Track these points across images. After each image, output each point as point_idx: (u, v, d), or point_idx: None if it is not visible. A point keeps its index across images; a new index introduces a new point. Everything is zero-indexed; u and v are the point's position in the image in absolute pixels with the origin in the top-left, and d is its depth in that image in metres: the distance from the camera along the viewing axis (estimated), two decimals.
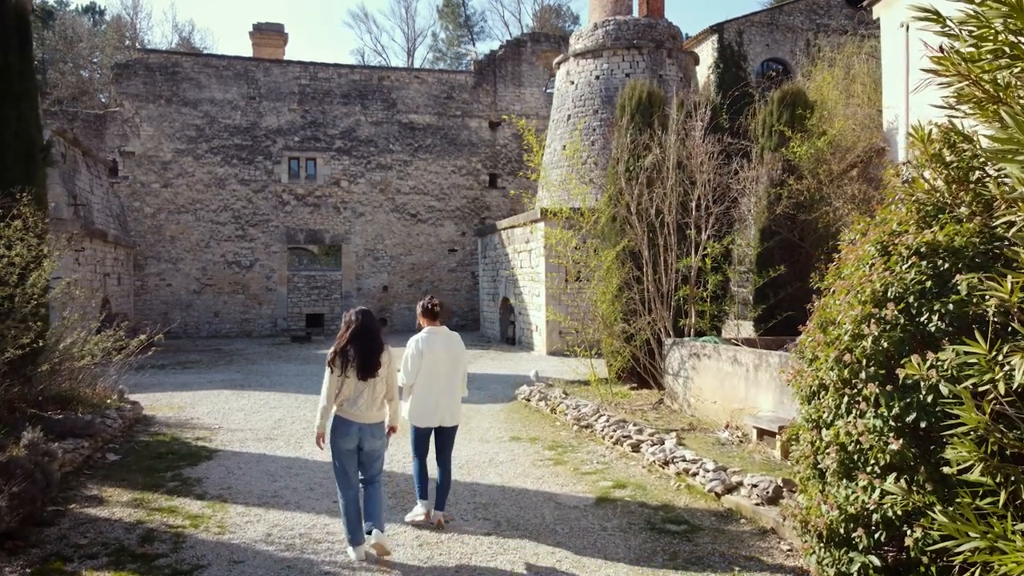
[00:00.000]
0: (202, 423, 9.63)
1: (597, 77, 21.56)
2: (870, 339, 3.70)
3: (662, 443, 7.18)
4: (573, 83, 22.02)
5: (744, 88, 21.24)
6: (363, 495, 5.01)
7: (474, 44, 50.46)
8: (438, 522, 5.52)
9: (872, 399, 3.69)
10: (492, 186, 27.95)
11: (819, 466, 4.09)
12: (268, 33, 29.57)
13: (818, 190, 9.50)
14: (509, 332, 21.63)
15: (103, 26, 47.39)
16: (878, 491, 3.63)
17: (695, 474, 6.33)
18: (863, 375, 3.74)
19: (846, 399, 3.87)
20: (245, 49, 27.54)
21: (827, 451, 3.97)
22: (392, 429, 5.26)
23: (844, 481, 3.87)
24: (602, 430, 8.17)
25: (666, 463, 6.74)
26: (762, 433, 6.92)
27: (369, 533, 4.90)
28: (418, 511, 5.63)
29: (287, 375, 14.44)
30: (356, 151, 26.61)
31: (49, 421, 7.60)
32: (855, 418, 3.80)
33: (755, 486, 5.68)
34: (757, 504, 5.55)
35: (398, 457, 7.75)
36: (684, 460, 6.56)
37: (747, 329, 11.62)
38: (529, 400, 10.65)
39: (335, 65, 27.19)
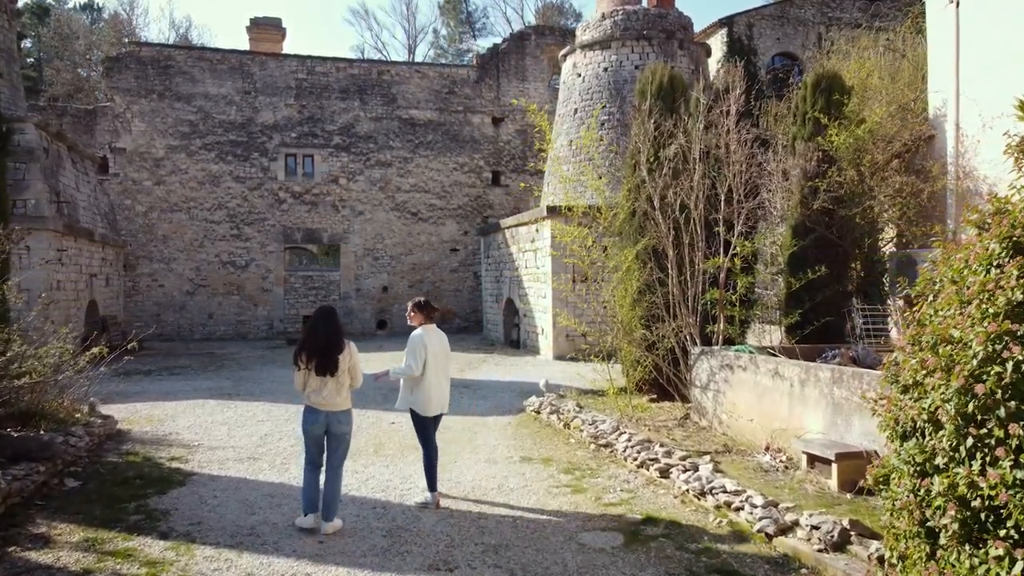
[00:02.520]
0: (180, 439, 8.75)
1: (605, 69, 20.68)
2: (1011, 364, 2.83)
3: (696, 469, 6.30)
4: (580, 76, 21.15)
5: (756, 83, 20.36)
6: (323, 482, 5.56)
7: (476, 41, 49.60)
8: (436, 503, 6.09)
9: (1012, 443, 2.81)
10: (495, 184, 27.07)
11: (928, 523, 3.21)
12: (265, 28, 28.67)
13: (860, 183, 8.61)
14: (513, 335, 20.74)
15: (101, 24, 46.63)
16: (1021, 564, 2.76)
17: (739, 508, 5.44)
18: (1001, 411, 2.86)
19: (970, 440, 2.99)
20: (243, 46, 26.64)
21: (940, 505, 3.09)
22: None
23: (967, 547, 3.00)
24: (624, 451, 7.29)
25: (703, 493, 5.85)
26: (813, 459, 6.03)
27: (327, 519, 5.47)
28: (428, 498, 6.14)
29: (279, 382, 13.56)
30: (355, 147, 25.74)
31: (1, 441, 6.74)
32: (983, 465, 2.93)
33: (816, 528, 4.79)
34: (820, 550, 4.66)
35: (394, 483, 6.89)
36: (725, 491, 5.67)
37: (774, 335, 10.75)
38: (539, 412, 9.78)
39: (333, 59, 26.32)
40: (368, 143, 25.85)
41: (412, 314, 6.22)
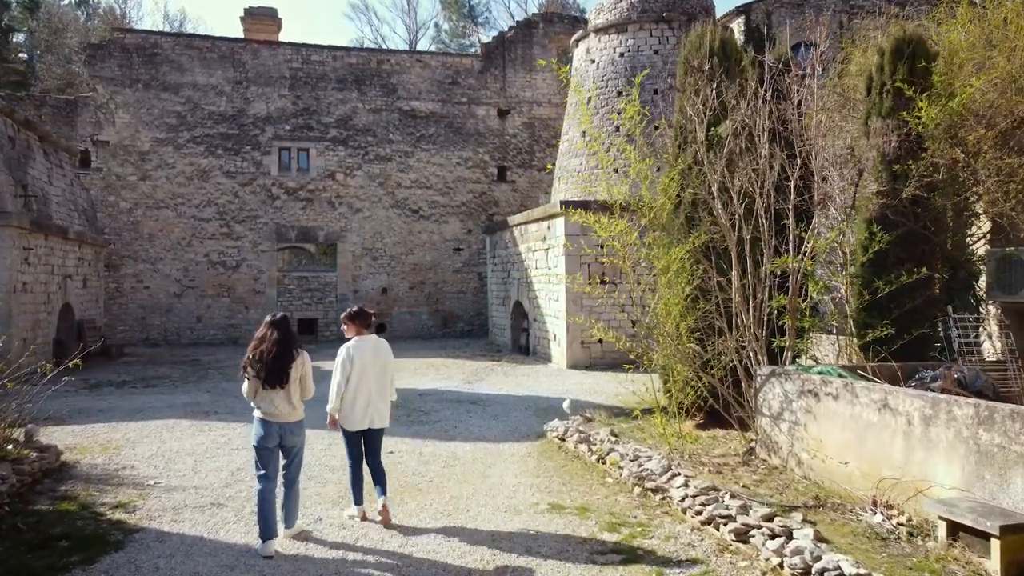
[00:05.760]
0: (135, 476, 7.24)
1: (621, 54, 19.21)
2: None
3: (789, 535, 4.77)
4: (594, 62, 19.67)
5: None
6: (282, 496, 5.46)
7: (478, 35, 48.12)
8: (383, 507, 5.66)
9: None
10: (501, 180, 25.58)
11: None
12: (260, 18, 27.17)
13: (964, 165, 7.10)
14: (522, 340, 19.24)
15: (96, 20, 45.25)
16: None
17: None
18: None
19: None
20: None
21: None
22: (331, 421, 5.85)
23: None
24: (682, 500, 5.78)
25: (807, 574, 4.34)
26: (956, 528, 4.51)
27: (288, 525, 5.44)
28: (353, 511, 5.86)
29: None
30: (353, 141, 24.24)
31: None
32: None
33: None
34: None
35: (391, 543, 5.37)
36: (842, 575, 4.15)
37: (830, 347, 9.23)
38: (564, 440, 8.26)
39: (330, 47, 24.84)
40: (367, 136, 24.37)
41: (346, 326, 5.94)
